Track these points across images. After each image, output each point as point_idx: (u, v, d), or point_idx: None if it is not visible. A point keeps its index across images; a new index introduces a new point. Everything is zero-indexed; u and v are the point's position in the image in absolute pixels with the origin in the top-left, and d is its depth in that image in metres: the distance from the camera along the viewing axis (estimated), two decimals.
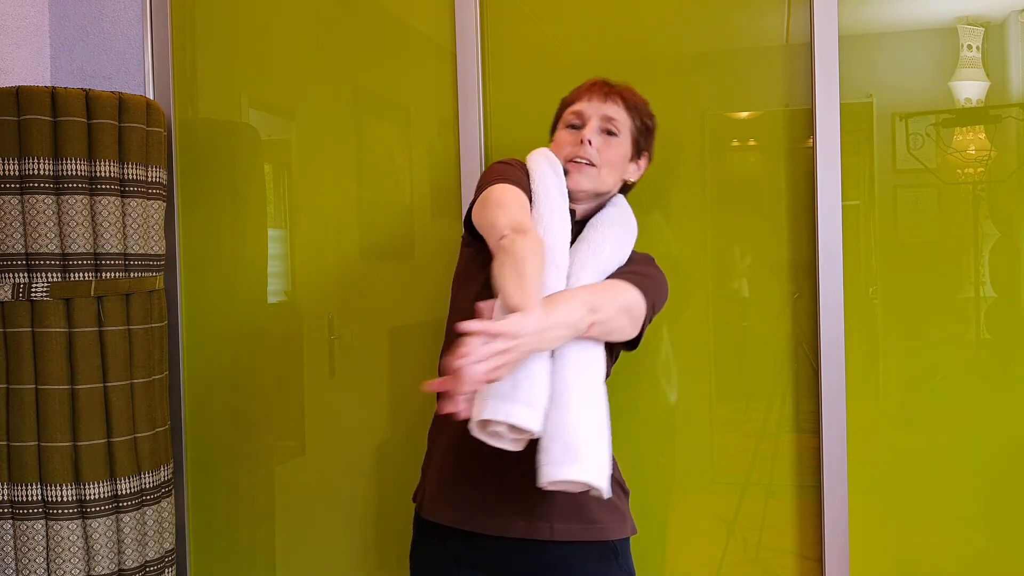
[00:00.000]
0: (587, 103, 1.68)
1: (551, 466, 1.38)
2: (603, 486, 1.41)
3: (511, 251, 1.39)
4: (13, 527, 2.10)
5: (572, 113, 1.70)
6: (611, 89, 1.70)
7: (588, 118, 1.67)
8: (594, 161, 1.64)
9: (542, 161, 1.65)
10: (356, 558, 2.39)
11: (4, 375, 2.10)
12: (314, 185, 2.39)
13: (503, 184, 1.58)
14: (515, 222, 1.46)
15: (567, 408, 1.42)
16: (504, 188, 1.57)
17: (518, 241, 1.41)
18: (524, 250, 1.39)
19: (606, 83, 1.72)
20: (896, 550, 2.06)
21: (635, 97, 1.72)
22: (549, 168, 1.63)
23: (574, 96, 1.73)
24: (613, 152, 1.67)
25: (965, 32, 1.98)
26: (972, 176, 2.00)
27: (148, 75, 2.46)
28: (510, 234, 1.43)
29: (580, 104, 1.69)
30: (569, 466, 1.38)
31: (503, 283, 1.36)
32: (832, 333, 2.01)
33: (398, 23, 2.32)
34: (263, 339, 2.44)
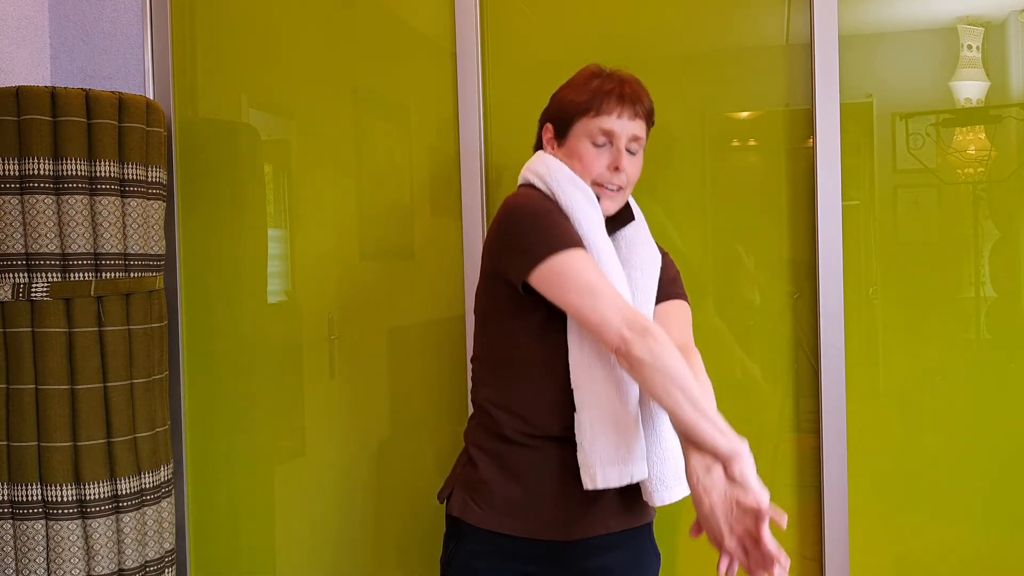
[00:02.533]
0: (617, 121, 1.57)
1: (667, 491, 1.54)
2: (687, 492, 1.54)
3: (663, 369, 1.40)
4: (13, 527, 2.10)
5: (600, 131, 1.57)
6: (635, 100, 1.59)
7: (618, 139, 1.57)
8: (624, 186, 1.60)
9: (576, 196, 1.55)
10: (356, 558, 2.39)
11: (4, 375, 2.10)
12: (314, 185, 2.39)
13: (569, 253, 1.48)
14: (628, 318, 1.43)
15: (666, 438, 1.54)
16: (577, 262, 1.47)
17: (660, 354, 1.40)
18: (674, 366, 1.41)
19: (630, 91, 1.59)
20: (896, 550, 2.06)
21: (648, 101, 1.63)
22: (586, 202, 1.55)
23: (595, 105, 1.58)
24: (636, 169, 1.62)
25: (965, 32, 1.98)
26: (972, 176, 2.00)
27: (148, 75, 2.46)
28: (634, 339, 1.41)
29: (608, 122, 1.57)
30: (678, 488, 1.54)
31: (689, 419, 1.40)
32: (832, 333, 2.01)
33: (398, 23, 2.32)
34: (263, 339, 2.44)
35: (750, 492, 1.35)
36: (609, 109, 1.57)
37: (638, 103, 1.59)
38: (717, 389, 2.17)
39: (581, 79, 1.63)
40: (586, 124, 1.58)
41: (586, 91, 1.59)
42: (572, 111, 1.60)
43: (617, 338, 1.42)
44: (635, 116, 1.58)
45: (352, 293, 2.36)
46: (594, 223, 1.54)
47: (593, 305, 1.44)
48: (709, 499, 1.38)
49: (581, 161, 1.58)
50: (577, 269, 1.47)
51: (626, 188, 1.61)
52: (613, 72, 1.62)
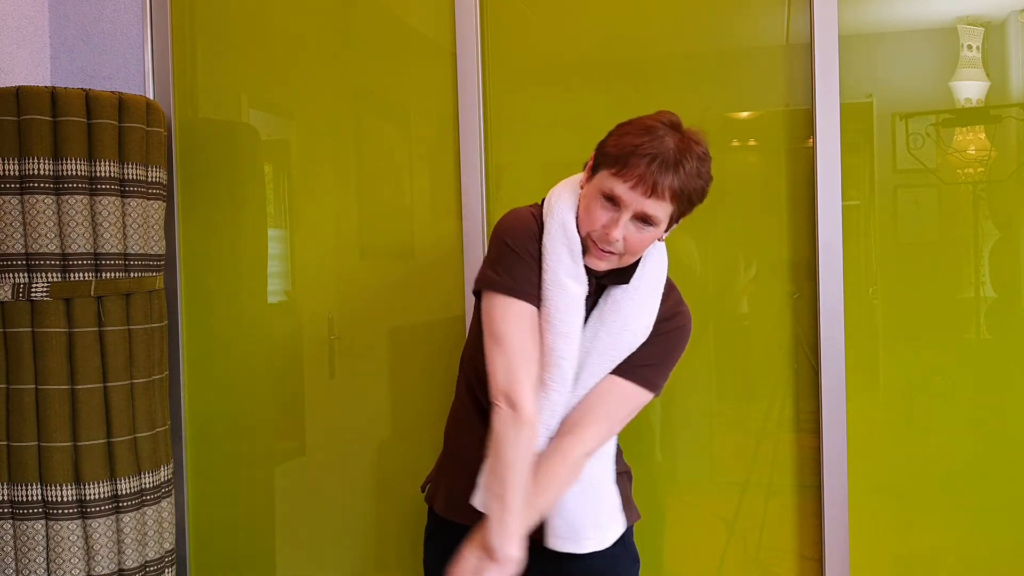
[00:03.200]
0: (628, 191, 1.44)
1: (554, 538, 1.57)
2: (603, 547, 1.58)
3: (499, 455, 1.48)
4: (13, 527, 2.10)
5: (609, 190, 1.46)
6: (662, 175, 1.43)
7: (624, 208, 1.46)
8: (616, 252, 1.50)
9: (559, 238, 1.52)
10: (356, 558, 2.39)
11: (4, 375, 2.10)
12: (314, 185, 2.39)
13: (508, 302, 1.50)
14: (507, 388, 1.48)
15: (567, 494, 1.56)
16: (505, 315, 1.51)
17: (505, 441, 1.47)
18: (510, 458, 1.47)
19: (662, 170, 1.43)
20: (896, 550, 2.06)
21: (691, 184, 1.46)
22: (566, 252, 1.51)
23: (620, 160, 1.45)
24: (643, 240, 1.50)
25: (965, 32, 1.98)
26: (972, 176, 2.00)
27: (148, 75, 2.46)
28: (502, 408, 1.47)
29: (620, 188, 1.45)
30: (572, 542, 1.57)
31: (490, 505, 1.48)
32: (832, 333, 2.01)
33: (398, 23, 2.32)
34: (263, 339, 2.44)
35: None
36: (628, 176, 1.44)
37: (664, 181, 1.43)
38: (717, 389, 2.18)
39: (639, 128, 1.47)
40: (607, 177, 1.47)
41: (629, 144, 1.45)
42: (605, 157, 1.49)
43: (494, 396, 1.49)
44: (652, 194, 1.44)
45: (352, 293, 2.36)
46: (560, 273, 1.51)
47: (493, 356, 1.50)
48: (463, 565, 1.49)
49: (587, 213, 1.51)
50: (500, 317, 1.51)
51: (623, 256, 1.51)
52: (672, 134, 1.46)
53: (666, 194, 1.44)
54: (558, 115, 2.20)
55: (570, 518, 1.56)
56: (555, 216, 1.54)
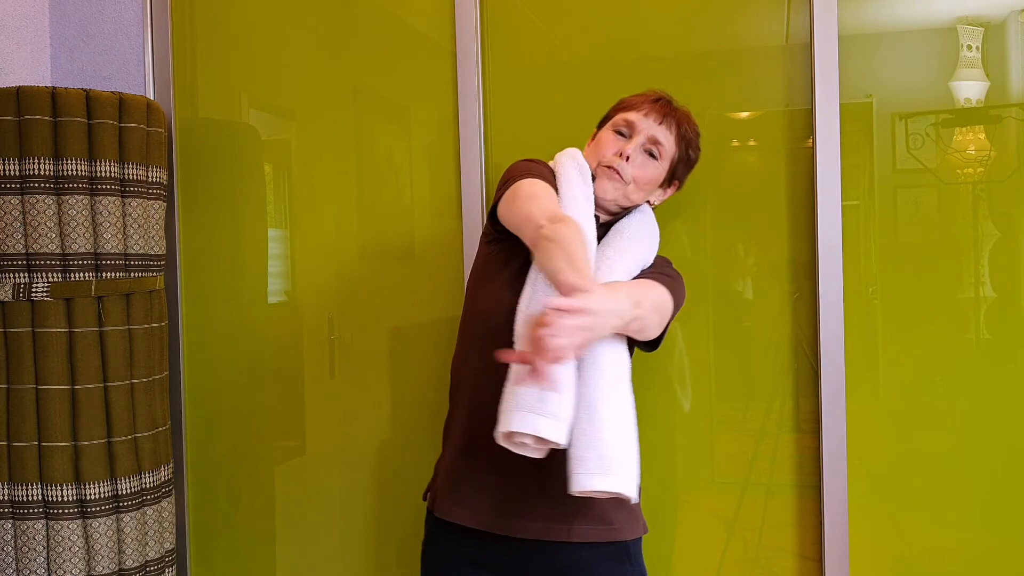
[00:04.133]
0: (642, 117, 1.64)
1: (584, 476, 1.40)
2: (633, 495, 1.44)
3: (555, 238, 1.38)
4: (13, 527, 2.10)
5: (624, 120, 1.66)
6: (670, 111, 1.66)
7: (636, 132, 1.64)
8: (625, 177, 1.63)
9: (570, 165, 1.63)
10: (356, 558, 2.39)
11: (4, 375, 2.10)
12: (314, 185, 2.39)
13: (531, 179, 1.56)
14: (551, 213, 1.46)
15: (599, 418, 1.43)
16: (533, 183, 1.55)
17: (560, 228, 1.40)
18: (568, 235, 1.39)
19: (668, 104, 1.68)
20: (896, 550, 2.06)
21: (690, 126, 1.69)
22: (577, 173, 1.61)
23: (632, 103, 1.68)
24: (647, 174, 1.65)
25: (965, 32, 1.98)
26: (972, 176, 2.00)
27: (148, 75, 2.46)
28: (548, 224, 1.42)
29: (634, 115, 1.65)
30: (602, 477, 1.40)
31: (555, 266, 1.35)
32: (832, 333, 2.01)
33: (398, 23, 2.32)
34: (263, 339, 2.44)
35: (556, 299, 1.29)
36: (640, 107, 1.65)
37: (671, 115, 1.66)
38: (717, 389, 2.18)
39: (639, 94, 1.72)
40: (616, 117, 1.68)
41: (637, 96, 1.69)
42: (613, 109, 1.71)
43: (534, 228, 1.44)
44: (662, 122, 1.64)
45: (352, 293, 2.36)
46: (575, 188, 1.58)
47: (528, 207, 1.49)
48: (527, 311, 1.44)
49: (598, 145, 1.67)
50: (529, 187, 1.54)
51: (631, 184, 1.63)
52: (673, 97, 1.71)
53: (672, 126, 1.65)
54: (558, 115, 2.20)
55: (601, 448, 1.42)
56: (563, 153, 1.66)
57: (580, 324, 1.26)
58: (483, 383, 1.54)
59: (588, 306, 1.27)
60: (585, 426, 1.42)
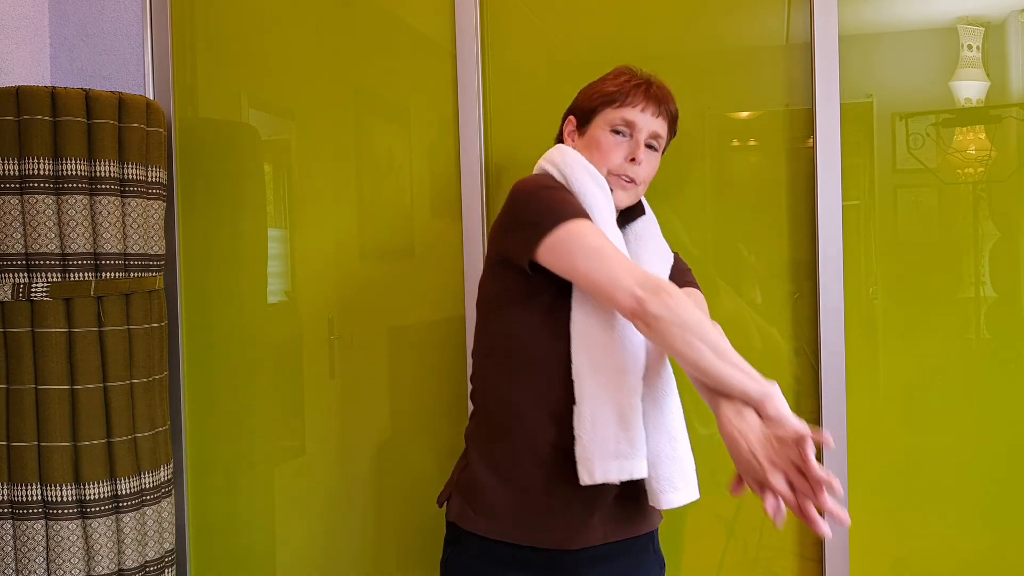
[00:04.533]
0: (640, 114, 1.58)
1: (674, 493, 1.49)
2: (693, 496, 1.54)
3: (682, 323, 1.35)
4: (13, 527, 2.10)
5: (621, 119, 1.58)
6: (661, 99, 1.61)
7: (639, 131, 1.58)
8: (638, 180, 1.59)
9: (588, 181, 1.54)
10: (356, 558, 2.39)
11: (4, 375, 2.10)
12: (314, 185, 2.39)
13: (575, 222, 1.45)
14: (639, 278, 1.38)
15: (677, 438, 1.52)
16: (584, 230, 1.45)
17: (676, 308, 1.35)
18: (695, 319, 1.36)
19: (657, 90, 1.61)
20: (896, 550, 2.06)
21: (674, 106, 1.65)
22: (598, 189, 1.54)
23: (621, 95, 1.59)
24: (652, 168, 1.63)
25: (965, 32, 1.98)
26: (972, 176, 2.00)
27: (148, 75, 2.46)
28: (649, 297, 1.36)
29: (631, 112, 1.58)
30: (685, 491, 1.51)
31: (714, 368, 1.36)
32: (832, 333, 2.01)
33: (398, 23, 2.32)
34: (263, 339, 2.44)
35: (788, 425, 1.30)
36: (634, 102, 1.58)
37: (663, 103, 1.61)
38: None
39: (611, 75, 1.64)
40: (609, 114, 1.59)
41: (614, 84, 1.61)
42: (597, 101, 1.61)
43: (630, 298, 1.37)
44: (659, 114, 1.60)
45: (352, 293, 2.36)
46: (604, 211, 1.53)
47: (602, 268, 1.40)
48: (747, 440, 1.32)
49: (599, 149, 1.58)
50: (584, 234, 1.44)
51: (640, 185, 1.61)
52: (644, 72, 1.65)
53: (666, 113, 1.61)
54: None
55: (685, 465, 1.51)
56: (571, 164, 1.56)
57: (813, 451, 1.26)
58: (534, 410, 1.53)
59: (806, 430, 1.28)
60: (668, 450, 1.49)
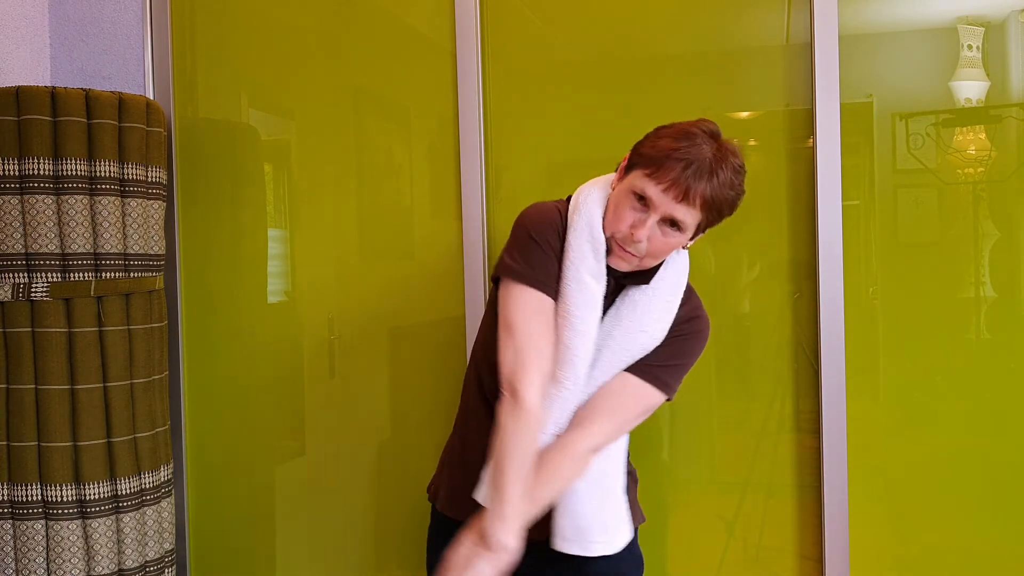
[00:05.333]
0: (660, 193, 1.44)
1: (563, 542, 1.54)
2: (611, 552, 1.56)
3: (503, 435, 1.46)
4: (13, 527, 2.10)
5: (642, 190, 1.46)
6: (692, 189, 1.43)
7: (653, 210, 1.45)
8: (638, 255, 1.50)
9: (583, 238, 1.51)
10: (356, 558, 2.39)
11: (4, 375, 2.10)
12: (314, 185, 2.39)
13: (523, 290, 1.50)
14: (512, 376, 1.47)
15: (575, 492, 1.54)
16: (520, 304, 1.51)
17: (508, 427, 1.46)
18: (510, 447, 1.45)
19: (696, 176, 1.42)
20: (896, 550, 2.06)
21: (722, 194, 1.45)
22: (590, 250, 1.51)
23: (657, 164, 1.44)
24: (667, 245, 1.50)
25: (965, 32, 1.98)
26: (972, 176, 2.00)
27: (148, 75, 2.46)
28: (505, 396, 1.47)
29: (653, 190, 1.44)
30: (579, 545, 1.54)
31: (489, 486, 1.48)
32: (832, 333, 2.01)
33: (398, 23, 2.32)
34: (263, 339, 2.44)
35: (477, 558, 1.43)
36: (662, 179, 1.44)
37: (697, 187, 1.43)
38: (717, 389, 2.18)
39: (677, 131, 1.47)
40: (639, 177, 1.47)
41: (666, 147, 1.45)
42: (641, 158, 1.49)
43: (502, 384, 1.49)
44: (683, 199, 1.43)
45: (352, 293, 2.36)
46: (582, 271, 1.51)
47: (504, 344, 1.50)
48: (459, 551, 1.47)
49: (614, 211, 1.50)
50: (514, 306, 1.51)
51: (645, 259, 1.51)
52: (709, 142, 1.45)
53: (697, 201, 1.43)
54: (558, 115, 2.21)
55: (577, 520, 1.54)
56: (582, 213, 1.53)
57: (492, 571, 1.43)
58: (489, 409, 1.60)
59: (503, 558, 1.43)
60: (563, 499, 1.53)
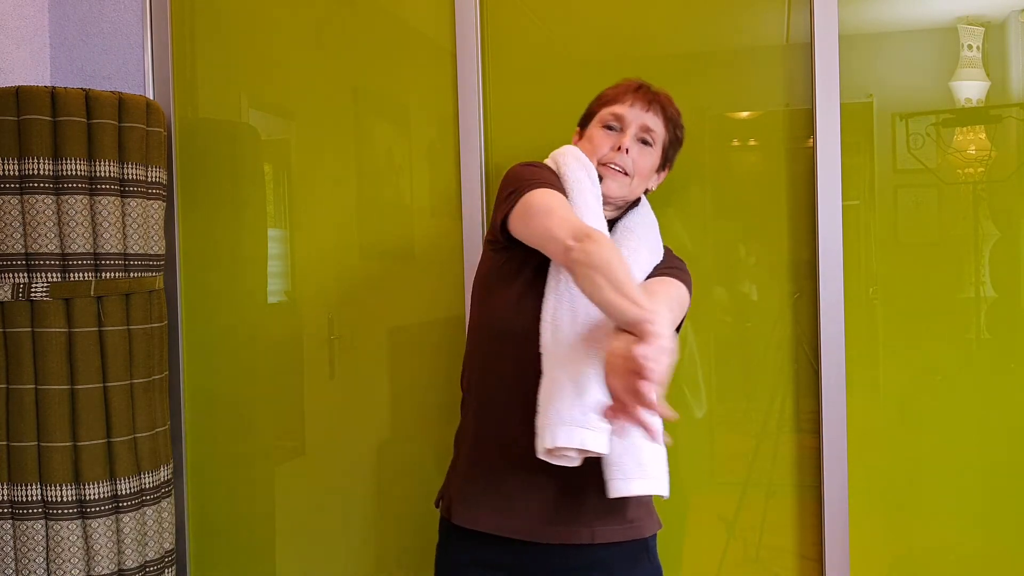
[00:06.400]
0: (629, 108, 1.65)
1: (623, 481, 1.46)
2: (666, 492, 1.50)
3: (592, 263, 1.35)
4: (13, 527, 2.10)
5: (611, 114, 1.66)
6: (653, 97, 1.67)
7: (628, 124, 1.65)
8: (628, 170, 1.63)
9: (576, 166, 1.61)
10: (356, 558, 2.39)
11: (4, 375, 2.10)
12: (314, 185, 2.39)
13: (540, 189, 1.53)
14: (575, 228, 1.42)
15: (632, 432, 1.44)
16: (544, 193, 1.52)
17: (592, 249, 1.37)
18: (604, 257, 1.35)
19: (649, 90, 1.69)
20: (896, 550, 2.06)
21: (673, 108, 1.70)
22: (584, 174, 1.60)
23: (614, 96, 1.69)
24: (646, 162, 1.66)
25: (965, 32, 1.98)
26: (972, 176, 2.00)
27: (148, 75, 2.46)
28: (576, 244, 1.39)
29: (621, 107, 1.66)
30: (641, 481, 1.47)
31: (608, 298, 1.33)
32: (832, 333, 2.01)
33: (398, 23, 2.32)
34: (263, 339, 2.44)
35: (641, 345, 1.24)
36: (624, 99, 1.66)
37: (655, 100, 1.67)
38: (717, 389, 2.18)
39: (615, 84, 1.73)
40: (602, 113, 1.68)
41: (615, 88, 1.71)
42: (595, 104, 1.72)
43: (562, 249, 1.41)
44: (649, 108, 1.66)
45: (352, 293, 2.36)
46: (588, 194, 1.58)
47: (546, 224, 1.46)
48: (612, 356, 1.32)
49: (591, 143, 1.67)
50: (541, 198, 1.52)
51: (634, 177, 1.65)
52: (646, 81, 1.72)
53: (659, 110, 1.66)
54: (558, 115, 2.20)
55: (640, 455, 1.46)
56: (563, 153, 1.66)
57: (669, 362, 1.24)
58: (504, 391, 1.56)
59: (668, 340, 1.25)
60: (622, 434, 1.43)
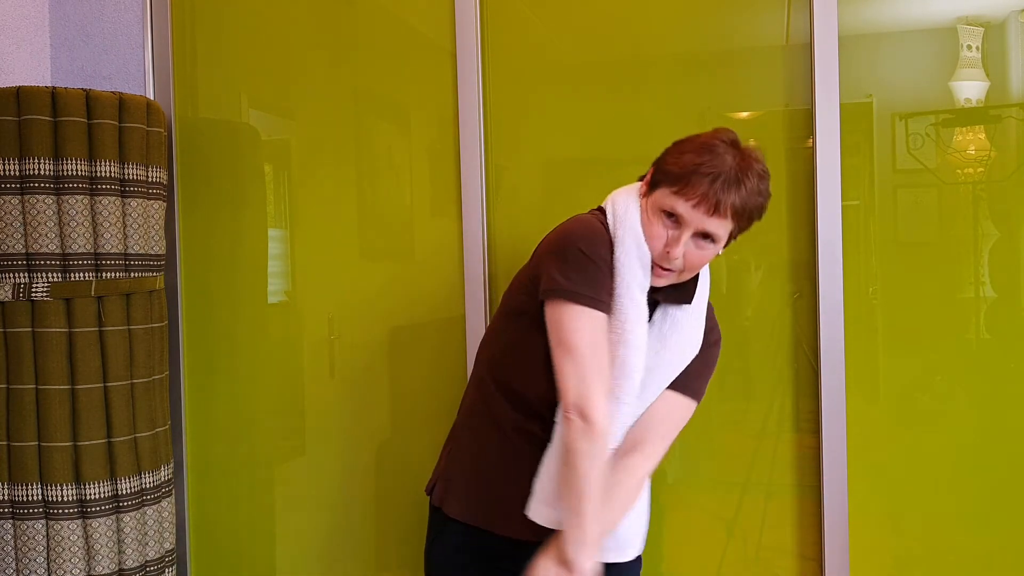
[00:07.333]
0: (691, 210, 1.47)
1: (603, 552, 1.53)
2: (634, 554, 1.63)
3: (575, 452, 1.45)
4: (13, 527, 2.10)
5: (671, 207, 1.49)
6: (723, 199, 1.46)
7: (684, 226, 1.48)
8: (675, 269, 1.53)
9: (632, 248, 1.51)
10: (356, 558, 2.39)
11: (4, 375, 2.10)
12: (314, 185, 2.39)
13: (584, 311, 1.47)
14: (583, 400, 1.44)
15: None
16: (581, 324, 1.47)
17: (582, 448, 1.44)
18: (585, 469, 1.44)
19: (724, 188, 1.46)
20: (896, 550, 2.06)
21: (752, 201, 1.49)
22: (638, 264, 1.51)
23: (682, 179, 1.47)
24: (703, 257, 1.53)
25: (965, 32, 1.98)
26: (972, 176, 2.00)
27: (148, 75, 2.46)
28: (575, 420, 1.44)
29: (682, 206, 1.47)
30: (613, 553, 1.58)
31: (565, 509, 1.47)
32: (832, 333, 2.01)
33: (398, 23, 2.32)
34: (263, 339, 2.44)
35: None
36: (690, 195, 1.47)
37: (727, 199, 1.46)
38: (717, 389, 2.18)
39: (698, 145, 1.50)
40: (667, 195, 1.49)
41: (689, 163, 1.48)
42: (665, 175, 1.51)
43: (565, 408, 1.47)
44: (714, 212, 1.46)
45: (352, 293, 2.36)
46: (634, 287, 1.51)
47: (564, 367, 1.47)
48: None
49: (647, 230, 1.52)
50: (575, 327, 1.47)
51: (682, 273, 1.54)
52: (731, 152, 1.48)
53: (728, 212, 1.47)
54: (558, 115, 2.21)
55: (622, 532, 1.58)
56: (629, 228, 1.53)
57: None
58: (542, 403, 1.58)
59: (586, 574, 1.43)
60: None
